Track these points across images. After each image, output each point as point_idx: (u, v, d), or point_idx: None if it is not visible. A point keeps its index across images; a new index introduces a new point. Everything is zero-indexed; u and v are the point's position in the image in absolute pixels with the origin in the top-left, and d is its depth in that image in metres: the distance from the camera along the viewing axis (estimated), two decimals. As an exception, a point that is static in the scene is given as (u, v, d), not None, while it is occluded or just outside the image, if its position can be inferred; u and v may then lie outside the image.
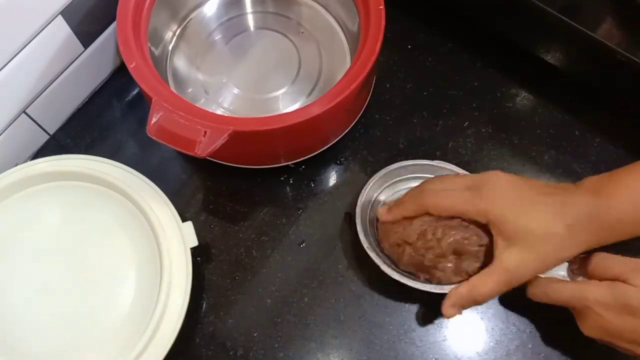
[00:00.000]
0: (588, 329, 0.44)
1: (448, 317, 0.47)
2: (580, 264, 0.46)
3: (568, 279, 0.47)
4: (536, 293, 0.46)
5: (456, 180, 0.48)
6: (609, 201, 0.43)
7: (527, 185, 0.45)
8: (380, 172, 0.53)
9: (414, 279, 0.49)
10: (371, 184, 0.53)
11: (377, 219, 0.52)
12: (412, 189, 0.50)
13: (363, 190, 0.53)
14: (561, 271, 0.47)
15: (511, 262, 0.44)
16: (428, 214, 0.47)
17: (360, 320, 0.51)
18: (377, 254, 0.49)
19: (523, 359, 0.50)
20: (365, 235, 0.50)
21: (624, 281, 0.42)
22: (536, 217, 0.43)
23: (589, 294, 0.43)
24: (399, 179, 0.54)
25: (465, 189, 0.46)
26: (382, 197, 0.54)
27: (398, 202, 0.49)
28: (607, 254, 0.45)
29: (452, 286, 0.47)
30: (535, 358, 0.50)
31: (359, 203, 0.52)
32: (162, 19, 0.58)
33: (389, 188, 0.54)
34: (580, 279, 0.46)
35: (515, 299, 0.50)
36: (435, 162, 0.54)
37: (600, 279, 0.44)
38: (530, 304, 0.47)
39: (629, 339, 0.42)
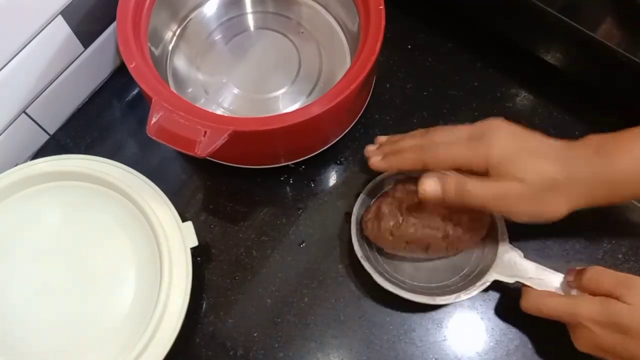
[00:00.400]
0: (580, 344, 0.44)
1: (424, 190, 0.45)
2: (575, 277, 0.46)
3: (562, 292, 0.47)
4: (529, 307, 0.46)
5: (458, 130, 0.46)
6: (610, 161, 0.42)
7: (530, 135, 0.45)
8: (376, 178, 0.53)
9: (406, 290, 0.49)
10: (367, 192, 0.53)
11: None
12: (414, 140, 0.48)
13: (358, 199, 0.53)
14: (555, 283, 0.47)
15: (506, 185, 0.43)
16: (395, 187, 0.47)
17: (360, 320, 0.51)
18: (371, 264, 0.50)
19: (523, 359, 0.50)
20: (360, 244, 0.50)
21: (616, 298, 0.42)
22: (537, 163, 0.43)
23: (581, 310, 0.43)
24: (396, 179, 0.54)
25: (466, 139, 0.45)
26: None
27: (395, 150, 0.48)
28: (602, 268, 0.45)
29: (445, 298, 0.48)
30: (535, 358, 0.50)
31: (355, 211, 0.52)
32: (162, 19, 0.58)
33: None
34: (574, 292, 0.46)
35: (516, 300, 0.50)
36: None
37: (594, 294, 0.44)
38: (527, 319, 0.47)
39: (621, 355, 0.42)
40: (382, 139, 0.52)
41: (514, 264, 0.49)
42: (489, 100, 0.60)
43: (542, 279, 0.47)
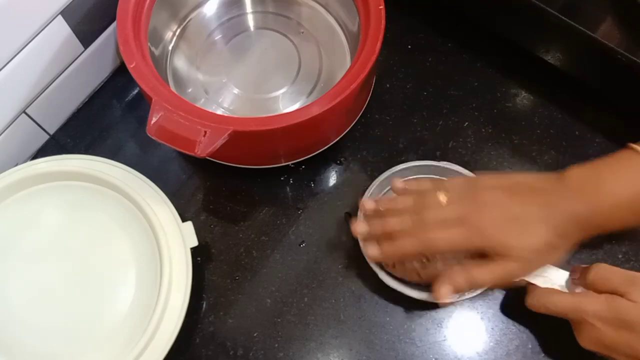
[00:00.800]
0: (585, 341, 0.44)
1: (443, 302, 0.46)
2: (580, 274, 0.46)
3: (567, 290, 0.47)
4: (534, 304, 0.46)
5: (445, 209, 0.45)
6: (592, 206, 0.43)
7: (511, 194, 0.45)
8: (383, 174, 0.53)
9: (411, 288, 0.49)
10: (374, 187, 0.53)
11: None
12: (403, 220, 0.47)
13: (366, 193, 0.53)
14: (560, 281, 0.47)
15: (510, 269, 0.44)
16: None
17: (360, 320, 0.51)
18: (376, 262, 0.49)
19: (523, 359, 0.50)
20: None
21: (622, 295, 0.42)
22: (528, 235, 0.44)
23: (586, 307, 0.43)
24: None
25: (459, 224, 0.45)
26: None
27: (386, 234, 0.47)
28: (606, 266, 0.45)
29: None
30: (535, 358, 0.50)
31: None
32: (162, 19, 0.58)
33: (391, 191, 0.54)
34: (579, 289, 0.46)
35: (516, 300, 0.50)
36: (440, 163, 0.54)
37: (599, 291, 0.44)
38: (527, 318, 0.47)
39: (625, 353, 0.42)
40: (368, 205, 0.50)
41: None
42: (489, 100, 0.60)
43: (547, 277, 0.47)
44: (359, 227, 0.49)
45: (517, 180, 0.46)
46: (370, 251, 0.48)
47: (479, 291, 0.48)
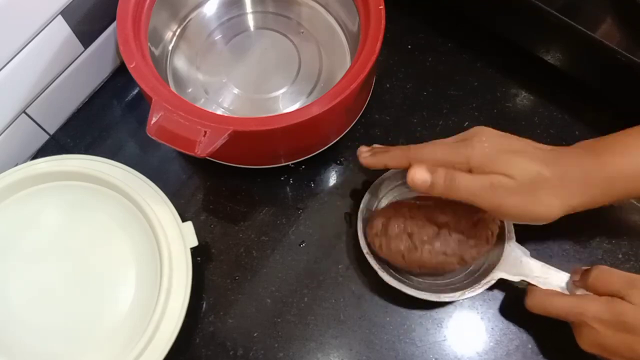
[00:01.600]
0: (585, 343, 0.44)
1: (413, 180, 0.44)
2: (581, 276, 0.46)
3: (567, 291, 0.47)
4: (534, 305, 0.46)
5: (445, 139, 0.47)
6: (603, 160, 0.42)
7: (516, 138, 0.45)
8: (384, 175, 0.53)
9: (410, 286, 0.49)
10: (374, 187, 0.53)
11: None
12: (404, 146, 0.49)
13: (366, 194, 0.52)
14: (561, 283, 0.47)
15: (498, 180, 0.42)
16: (397, 207, 0.48)
17: (360, 320, 0.51)
18: (376, 259, 0.49)
19: (523, 359, 0.50)
20: (365, 240, 0.50)
21: (622, 298, 0.42)
22: (522, 161, 0.42)
23: (586, 310, 0.43)
24: (403, 181, 0.54)
25: (451, 143, 0.46)
26: (385, 202, 0.54)
27: (384, 149, 0.49)
28: (607, 268, 0.45)
29: (450, 295, 0.48)
30: (535, 358, 0.50)
31: (362, 206, 0.52)
32: (162, 18, 0.58)
33: (392, 191, 0.54)
34: (580, 291, 0.46)
35: (516, 301, 0.50)
36: None
37: (600, 293, 0.44)
38: (526, 317, 0.47)
39: (626, 355, 0.42)
40: (375, 145, 0.52)
41: (520, 263, 0.49)
42: (489, 100, 0.60)
43: (548, 278, 0.47)
44: (362, 147, 0.50)
45: (524, 139, 0.46)
46: (364, 154, 0.49)
47: (479, 290, 0.48)
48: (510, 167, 0.42)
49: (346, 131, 0.56)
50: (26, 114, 0.55)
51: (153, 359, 0.45)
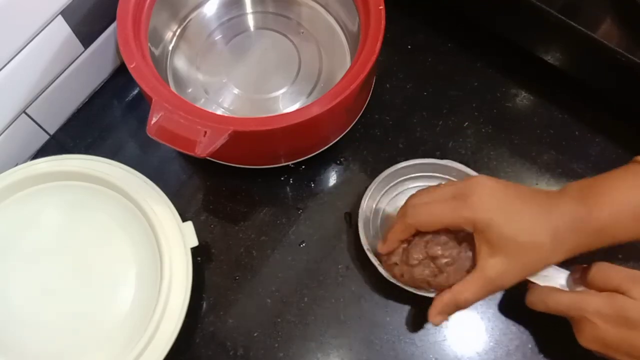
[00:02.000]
0: (585, 339, 0.44)
1: (435, 324, 0.47)
2: (581, 274, 0.46)
3: (567, 289, 0.47)
4: (534, 302, 0.46)
5: (441, 190, 0.46)
6: (591, 209, 0.43)
7: (513, 193, 0.45)
8: (385, 171, 0.53)
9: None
10: (376, 184, 0.53)
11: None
12: (400, 208, 0.48)
13: (367, 190, 0.52)
14: (561, 280, 0.47)
15: (493, 271, 0.44)
16: (418, 233, 0.47)
17: (360, 320, 0.51)
18: (377, 256, 0.49)
19: (523, 359, 0.50)
20: (367, 235, 0.50)
21: (623, 293, 0.42)
22: (521, 226, 0.43)
23: (587, 305, 0.43)
24: (404, 178, 0.54)
25: (451, 198, 0.45)
26: (386, 199, 0.54)
27: (389, 229, 0.48)
28: (607, 264, 0.45)
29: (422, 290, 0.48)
30: (535, 358, 0.50)
31: (363, 203, 0.52)
32: (162, 19, 0.58)
33: (394, 187, 0.54)
34: (580, 288, 0.46)
35: (516, 300, 0.50)
36: (442, 161, 0.54)
37: (600, 290, 0.44)
38: (527, 316, 0.47)
39: (626, 351, 0.42)
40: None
41: None
42: (489, 100, 0.60)
43: (548, 276, 0.47)
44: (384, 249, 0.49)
45: (519, 185, 0.46)
46: (379, 245, 0.49)
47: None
48: (511, 237, 0.43)
49: (346, 131, 0.56)
50: (26, 114, 0.55)
51: (153, 359, 0.45)
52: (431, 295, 0.48)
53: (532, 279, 0.47)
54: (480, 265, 0.44)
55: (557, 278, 0.47)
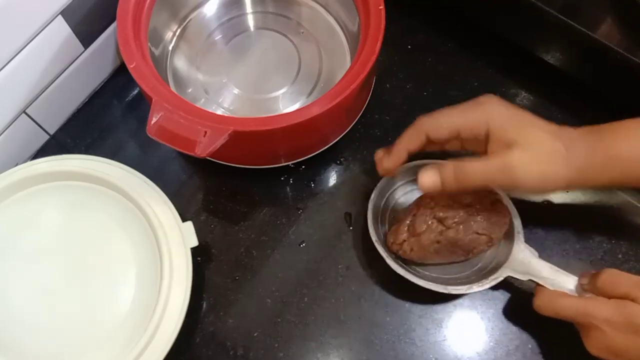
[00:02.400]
0: (593, 346, 0.43)
1: (422, 185, 0.45)
2: (589, 279, 0.46)
3: (576, 294, 0.46)
4: (542, 306, 0.46)
5: (452, 106, 0.46)
6: (605, 139, 0.43)
7: (524, 110, 0.45)
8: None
9: (418, 276, 0.49)
10: (378, 190, 0.52)
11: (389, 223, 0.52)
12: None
13: (380, 183, 0.52)
14: (569, 285, 0.47)
15: (513, 158, 0.42)
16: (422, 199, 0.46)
17: (360, 320, 0.51)
18: (384, 248, 0.49)
19: (523, 358, 0.50)
20: (375, 229, 0.50)
21: (632, 300, 0.41)
22: (537, 133, 0.43)
23: (595, 311, 0.42)
24: (412, 178, 0.54)
25: (464, 107, 0.45)
26: (397, 194, 0.54)
27: (398, 141, 0.47)
28: (616, 271, 0.44)
29: (457, 288, 0.48)
30: (536, 358, 0.50)
31: (373, 196, 0.51)
32: (162, 19, 0.58)
33: (406, 185, 0.54)
34: (588, 295, 0.45)
35: (516, 300, 0.50)
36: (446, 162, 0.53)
37: (609, 296, 0.43)
38: (531, 305, 0.47)
39: (634, 358, 0.41)
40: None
41: (528, 263, 0.48)
42: (489, 100, 0.60)
43: (556, 280, 0.47)
44: (426, 178, 0.46)
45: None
46: (378, 158, 0.48)
47: (487, 285, 0.48)
48: (527, 136, 0.42)
49: (346, 131, 0.56)
50: (26, 114, 0.55)
51: (153, 359, 0.44)
52: (439, 289, 0.48)
53: (540, 282, 0.47)
54: (499, 153, 0.43)
55: (565, 283, 0.47)
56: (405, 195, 0.55)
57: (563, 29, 0.52)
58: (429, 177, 0.45)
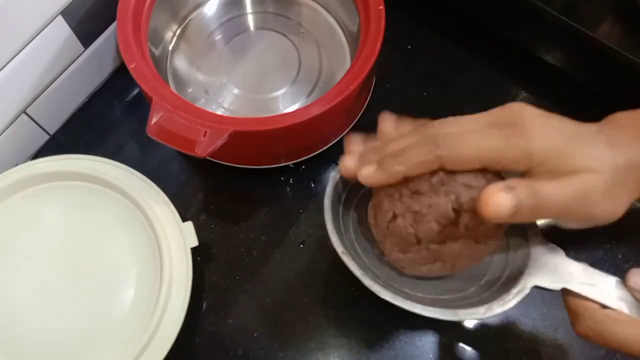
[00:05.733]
0: None
1: (494, 209, 0.32)
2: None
3: (622, 300, 0.35)
4: (588, 332, 0.34)
5: (473, 118, 0.35)
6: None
7: (563, 118, 0.35)
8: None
9: (394, 293, 0.39)
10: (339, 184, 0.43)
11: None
12: (414, 136, 0.35)
13: (330, 180, 0.42)
14: (613, 291, 0.36)
15: (585, 178, 0.32)
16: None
17: (360, 320, 0.51)
18: (354, 260, 0.40)
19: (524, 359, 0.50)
20: (339, 234, 0.41)
21: None
22: (594, 150, 0.33)
23: None
24: None
25: (490, 127, 0.34)
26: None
27: (392, 153, 0.35)
28: None
29: (470, 311, 0.37)
30: (536, 358, 0.50)
31: (329, 191, 0.42)
32: (162, 19, 0.58)
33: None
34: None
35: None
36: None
37: None
38: (531, 305, 0.46)
39: None
40: (355, 141, 0.39)
41: (556, 267, 0.38)
42: (489, 101, 0.60)
43: (595, 285, 0.36)
44: (347, 161, 0.36)
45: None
46: (365, 172, 0.35)
47: (511, 304, 0.37)
48: (588, 159, 0.32)
49: (346, 131, 0.56)
50: (26, 114, 0.55)
51: (153, 359, 0.45)
52: (449, 317, 0.38)
53: (575, 290, 0.37)
54: (571, 176, 0.32)
55: (606, 288, 0.36)
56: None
57: (563, 29, 0.52)
58: (502, 200, 0.32)
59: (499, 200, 0.32)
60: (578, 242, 0.53)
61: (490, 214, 0.32)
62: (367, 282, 0.38)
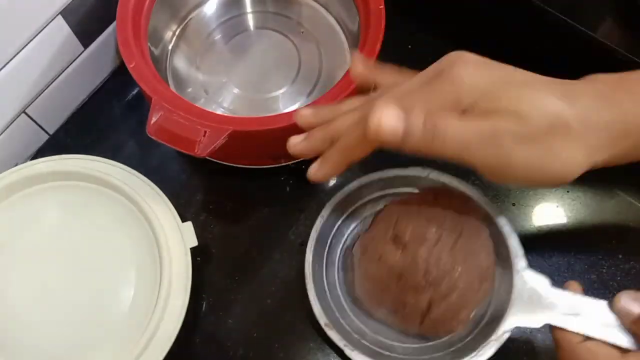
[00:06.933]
0: None
1: (380, 125, 0.30)
2: (634, 297, 0.34)
3: (613, 328, 0.34)
4: None
5: (410, 77, 0.35)
6: (625, 106, 0.31)
7: (509, 66, 0.32)
8: (334, 197, 0.48)
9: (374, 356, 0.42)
10: (325, 217, 0.48)
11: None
12: (355, 102, 0.34)
13: (313, 233, 0.46)
14: (602, 317, 0.34)
15: (500, 121, 0.30)
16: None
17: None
18: (340, 333, 0.43)
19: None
20: (322, 301, 0.43)
21: None
22: (535, 95, 0.30)
23: None
24: (362, 202, 0.50)
25: (423, 82, 0.33)
26: (347, 230, 0.50)
27: (330, 110, 0.34)
28: None
29: None
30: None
31: (309, 248, 0.46)
32: (162, 18, 0.58)
33: (351, 218, 0.50)
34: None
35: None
36: (409, 171, 0.47)
37: None
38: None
39: None
40: (305, 112, 0.37)
41: (539, 299, 0.36)
42: (489, 100, 0.60)
43: (579, 314, 0.35)
44: (293, 139, 0.33)
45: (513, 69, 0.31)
46: (292, 141, 0.34)
47: (490, 351, 0.39)
48: (520, 104, 0.29)
49: (346, 131, 0.56)
50: (26, 114, 0.55)
51: (153, 359, 0.44)
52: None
53: (559, 324, 0.35)
54: (486, 115, 0.30)
55: (593, 315, 0.34)
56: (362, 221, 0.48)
57: (563, 29, 0.52)
58: (390, 118, 0.29)
59: (389, 118, 0.29)
60: (578, 242, 0.54)
61: (373, 131, 0.29)
62: (349, 352, 0.42)
